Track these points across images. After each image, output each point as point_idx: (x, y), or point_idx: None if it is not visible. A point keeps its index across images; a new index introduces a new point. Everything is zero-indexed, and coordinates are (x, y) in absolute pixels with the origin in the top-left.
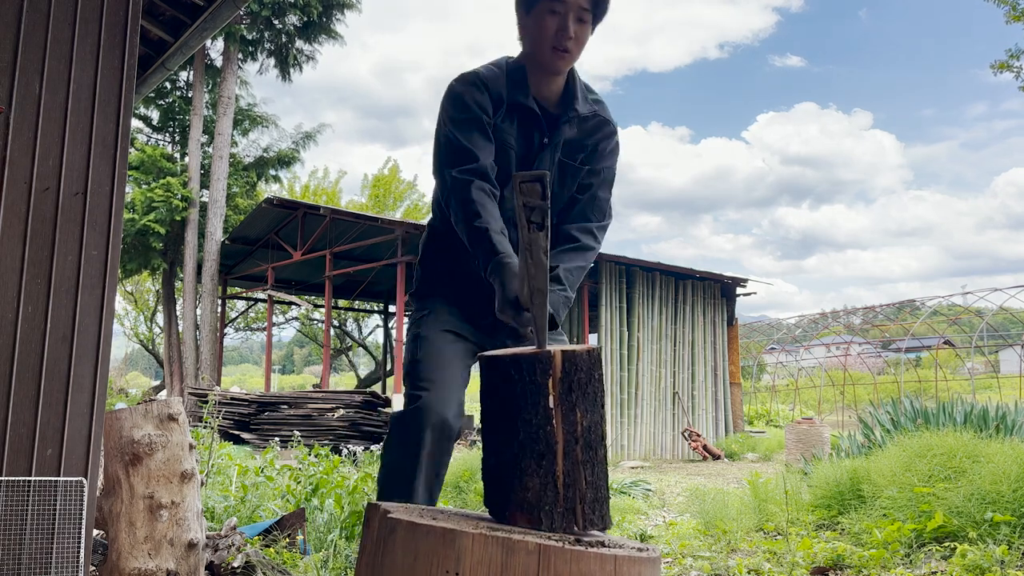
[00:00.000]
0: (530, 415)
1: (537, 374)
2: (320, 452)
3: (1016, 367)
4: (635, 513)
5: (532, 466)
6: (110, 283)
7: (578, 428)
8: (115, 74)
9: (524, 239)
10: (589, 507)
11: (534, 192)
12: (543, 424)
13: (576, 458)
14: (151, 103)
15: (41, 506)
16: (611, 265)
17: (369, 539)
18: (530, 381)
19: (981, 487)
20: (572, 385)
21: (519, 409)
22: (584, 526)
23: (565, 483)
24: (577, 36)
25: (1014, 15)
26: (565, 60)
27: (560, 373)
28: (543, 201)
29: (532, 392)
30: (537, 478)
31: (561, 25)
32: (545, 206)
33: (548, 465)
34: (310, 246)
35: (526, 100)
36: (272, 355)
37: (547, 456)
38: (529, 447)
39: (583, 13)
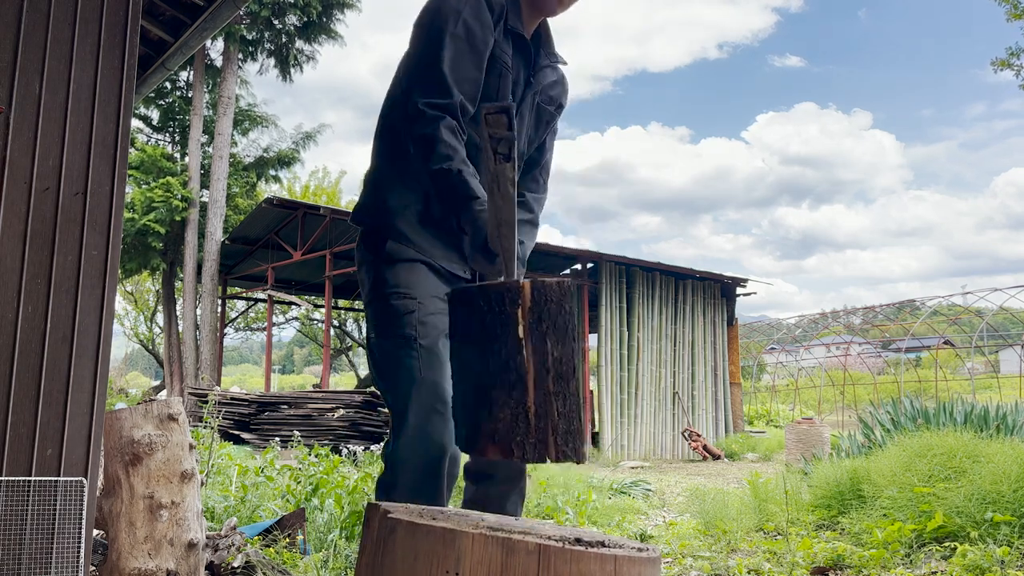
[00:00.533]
0: (500, 346)
1: (506, 303)
2: (320, 452)
3: (1016, 367)
4: (635, 513)
5: (503, 397)
6: (110, 283)
7: (548, 359)
8: (115, 74)
9: (491, 170)
10: (562, 438)
11: (500, 123)
12: (513, 354)
13: (547, 389)
14: (151, 103)
15: (41, 506)
16: (611, 265)
17: (369, 539)
18: (499, 311)
19: (981, 487)
20: (542, 315)
21: (489, 340)
22: (557, 457)
23: (537, 414)
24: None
25: (1015, 13)
26: (563, 5)
27: (530, 303)
28: (509, 132)
29: (502, 322)
30: (508, 409)
31: None
32: (512, 136)
33: (519, 396)
34: (310, 246)
35: (521, 29)
36: (272, 355)
37: (518, 387)
38: (500, 378)
39: None
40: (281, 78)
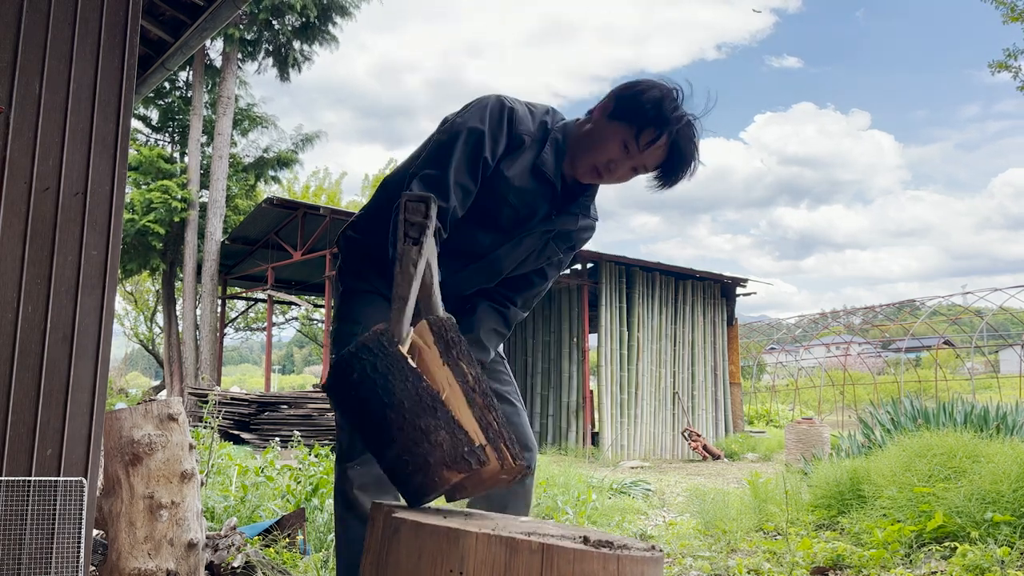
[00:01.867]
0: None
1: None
2: (320, 452)
3: (1016, 367)
4: (635, 513)
5: (432, 422)
6: (110, 283)
7: (469, 379)
8: (115, 74)
9: (399, 250)
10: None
11: (418, 211)
12: (417, 383)
13: (479, 404)
14: (151, 103)
15: (41, 506)
16: (611, 265)
17: (373, 538)
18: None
19: (981, 487)
20: (449, 343)
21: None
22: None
23: (481, 426)
24: (620, 178)
25: (1012, 16)
26: (592, 182)
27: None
28: (424, 220)
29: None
30: (442, 430)
31: (618, 160)
32: (426, 223)
33: (443, 413)
34: (310, 246)
35: (554, 177)
36: (272, 355)
37: (438, 407)
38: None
39: (642, 169)
40: (280, 78)
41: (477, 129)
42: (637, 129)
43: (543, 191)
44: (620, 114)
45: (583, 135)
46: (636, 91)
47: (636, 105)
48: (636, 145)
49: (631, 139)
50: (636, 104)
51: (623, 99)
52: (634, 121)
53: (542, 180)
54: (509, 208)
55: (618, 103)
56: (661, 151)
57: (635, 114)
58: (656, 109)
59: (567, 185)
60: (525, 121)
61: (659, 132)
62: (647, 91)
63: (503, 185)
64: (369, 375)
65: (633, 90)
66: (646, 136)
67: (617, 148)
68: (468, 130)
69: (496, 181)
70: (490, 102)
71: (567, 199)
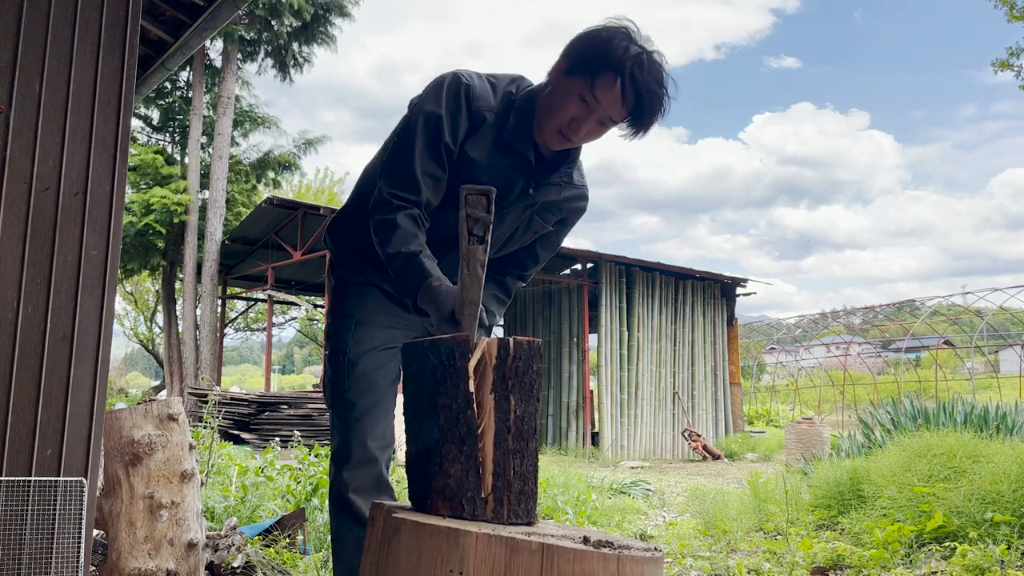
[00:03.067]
0: (450, 399)
1: (456, 358)
2: (320, 452)
3: (1016, 367)
4: (635, 513)
5: (453, 451)
6: (110, 283)
7: (511, 417)
8: (115, 74)
9: (463, 250)
10: (515, 498)
11: (479, 204)
12: (463, 408)
13: (507, 447)
14: (151, 103)
15: (41, 506)
16: (611, 265)
17: (374, 538)
18: (449, 365)
19: (981, 487)
20: (507, 372)
21: (439, 394)
22: (508, 517)
23: (495, 472)
24: (589, 135)
25: (1014, 15)
26: (562, 146)
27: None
28: (487, 215)
29: (451, 376)
30: (459, 464)
31: (580, 117)
32: (488, 219)
33: (469, 450)
34: (310, 246)
35: (524, 148)
36: (272, 355)
37: (468, 441)
38: (450, 432)
39: (609, 121)
40: (280, 78)
41: (434, 113)
42: (590, 79)
43: (516, 165)
44: (572, 68)
45: (544, 99)
46: (583, 40)
47: (585, 53)
48: (593, 96)
49: (587, 91)
50: (584, 52)
51: (572, 51)
52: (586, 71)
53: (511, 154)
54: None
55: (568, 57)
56: (621, 95)
57: (586, 63)
58: (604, 52)
59: (542, 155)
60: (485, 96)
61: (614, 75)
62: (594, 37)
63: (472, 166)
64: (426, 375)
65: (581, 39)
66: (601, 83)
67: (576, 104)
68: (425, 116)
69: (464, 163)
70: (446, 81)
71: (545, 169)
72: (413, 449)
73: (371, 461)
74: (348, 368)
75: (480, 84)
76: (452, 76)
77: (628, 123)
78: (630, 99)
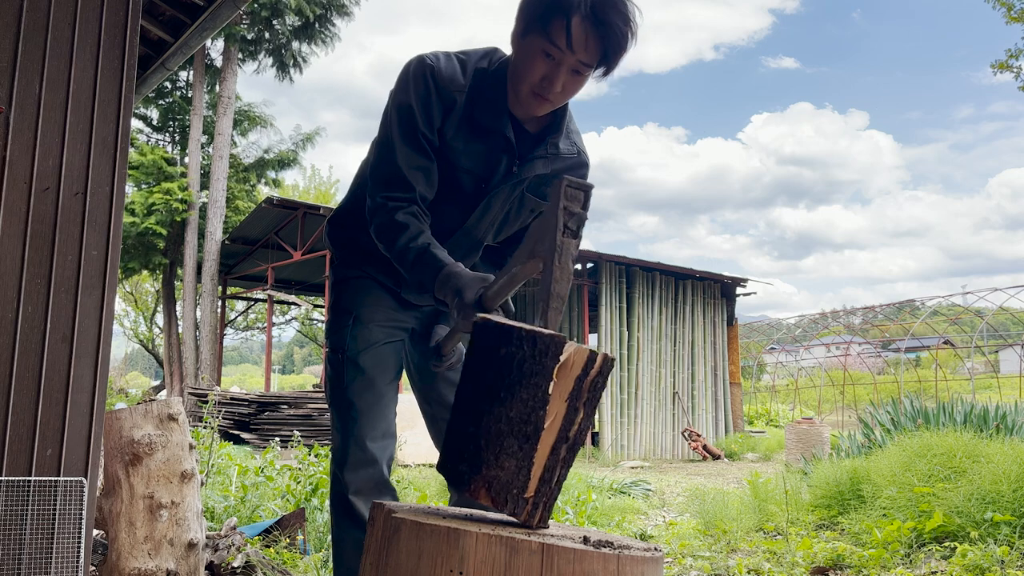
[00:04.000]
0: (529, 395)
1: (548, 356)
2: (320, 452)
3: (1016, 367)
4: (635, 513)
5: (514, 447)
6: (110, 283)
7: (573, 428)
8: (115, 74)
9: (556, 242)
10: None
11: (577, 199)
12: (538, 407)
13: (559, 456)
14: (151, 103)
15: (41, 506)
16: (611, 265)
17: (373, 538)
18: (539, 361)
19: (981, 487)
20: (587, 385)
21: (520, 386)
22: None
23: (543, 477)
24: (566, 88)
25: (1012, 16)
26: (543, 107)
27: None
28: (582, 211)
29: (538, 373)
30: (515, 460)
31: (549, 74)
32: (583, 216)
33: (529, 450)
34: (310, 246)
35: (499, 124)
36: (272, 355)
37: (531, 440)
38: (517, 427)
39: (581, 66)
40: (280, 78)
41: (404, 104)
42: (547, 31)
43: (495, 143)
44: (527, 26)
45: (511, 68)
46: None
47: (534, 7)
48: (556, 47)
49: (548, 44)
50: (534, 6)
51: (522, 9)
52: (541, 23)
53: (489, 132)
54: (466, 174)
55: (521, 17)
56: (583, 36)
57: (538, 17)
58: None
59: (524, 129)
60: (453, 76)
61: (567, 17)
62: None
63: (451, 153)
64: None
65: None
66: (557, 31)
67: (541, 61)
68: (397, 109)
69: (445, 151)
70: (411, 68)
71: (528, 144)
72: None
73: (371, 462)
74: (346, 365)
75: (447, 64)
76: (416, 61)
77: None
78: (593, 35)
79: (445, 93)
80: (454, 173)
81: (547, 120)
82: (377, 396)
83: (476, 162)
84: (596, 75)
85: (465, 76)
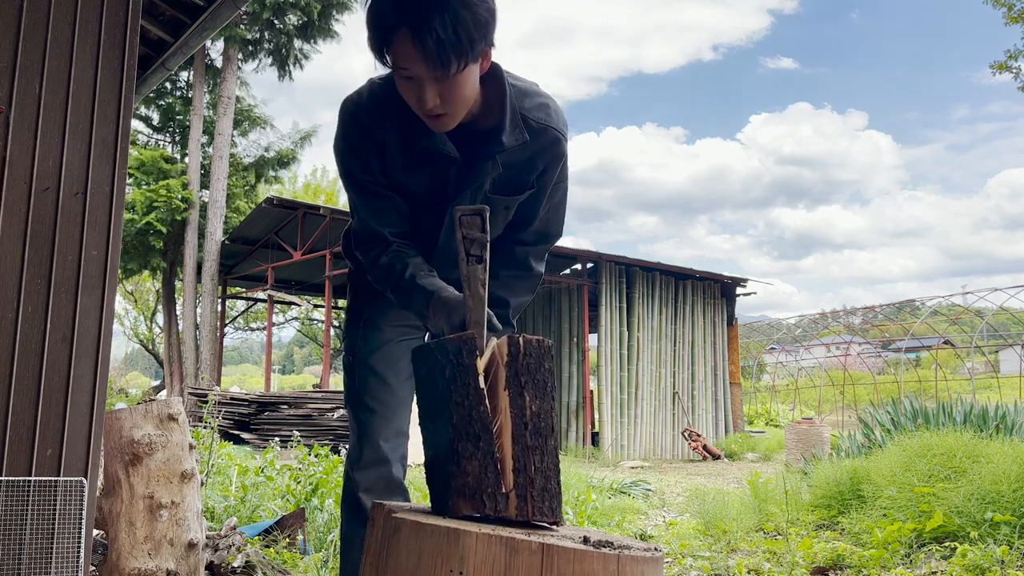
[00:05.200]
0: (461, 397)
1: (464, 355)
2: (320, 452)
3: (1016, 367)
4: (635, 513)
5: (469, 449)
6: (110, 283)
7: (527, 413)
8: (115, 74)
9: (463, 272)
10: (539, 495)
11: (474, 225)
12: (475, 405)
13: (525, 443)
14: (151, 103)
15: (41, 506)
16: (611, 265)
17: (373, 538)
18: (457, 363)
19: (981, 487)
20: (520, 369)
21: (450, 393)
22: (533, 513)
23: (515, 468)
24: (445, 97)
25: (1012, 17)
26: (443, 123)
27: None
28: (483, 234)
29: (461, 374)
30: (476, 460)
31: (418, 94)
32: (484, 239)
33: (485, 446)
34: (310, 246)
35: (435, 142)
36: (272, 355)
37: (483, 437)
38: (464, 429)
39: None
40: (279, 77)
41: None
42: (385, 60)
43: (435, 158)
44: (376, 59)
45: None
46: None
47: (368, 40)
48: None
49: (394, 69)
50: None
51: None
52: (378, 55)
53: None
54: (426, 195)
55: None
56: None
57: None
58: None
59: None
60: (375, 109)
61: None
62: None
63: (404, 182)
64: (436, 377)
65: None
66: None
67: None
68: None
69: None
70: (341, 114)
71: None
72: (431, 453)
73: (382, 462)
74: (359, 367)
75: (370, 97)
76: (342, 106)
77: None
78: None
79: (374, 133)
80: (415, 198)
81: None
82: (390, 395)
83: (429, 183)
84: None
85: (392, 102)
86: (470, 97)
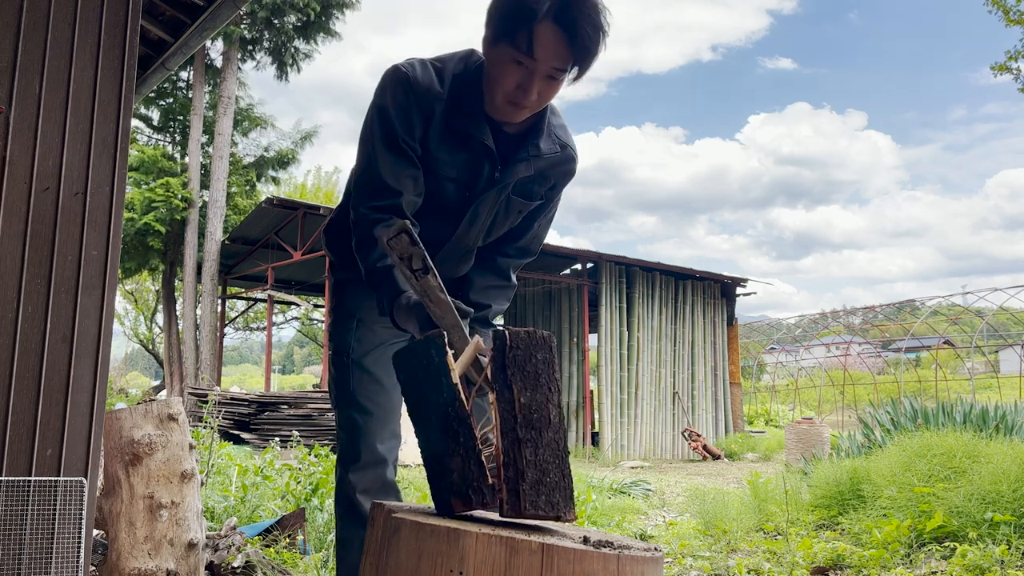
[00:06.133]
0: (437, 393)
1: (434, 352)
2: (320, 452)
3: (1016, 367)
4: (635, 513)
5: (451, 445)
6: (110, 283)
7: (516, 405)
8: (115, 74)
9: (417, 289)
10: (531, 488)
11: (402, 244)
12: (451, 399)
13: (516, 436)
14: (151, 103)
15: (41, 506)
16: (611, 265)
17: (373, 538)
18: (428, 363)
19: (981, 487)
20: (506, 362)
21: (427, 393)
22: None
23: (505, 462)
24: (542, 94)
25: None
26: (520, 114)
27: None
28: (415, 247)
29: (432, 372)
30: (458, 456)
31: (523, 82)
32: (419, 251)
33: (465, 441)
34: (310, 246)
35: (479, 132)
36: (272, 355)
37: (462, 432)
38: (443, 427)
39: (555, 72)
40: (278, 77)
41: (385, 113)
42: (514, 40)
43: (477, 150)
44: (496, 34)
45: (485, 75)
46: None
47: (501, 16)
48: (526, 54)
49: (518, 53)
50: (501, 15)
51: (491, 17)
52: (508, 33)
53: (468, 139)
54: (450, 183)
55: (490, 24)
56: (554, 42)
57: (507, 25)
58: (519, 6)
59: (504, 132)
60: (430, 84)
61: (533, 26)
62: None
63: (435, 163)
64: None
65: (495, 2)
66: (524, 40)
67: (513, 70)
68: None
69: (428, 161)
70: (388, 79)
71: (511, 146)
72: (423, 455)
73: (379, 463)
74: (352, 368)
75: (423, 72)
76: (392, 71)
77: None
78: (561, 40)
79: (424, 102)
80: (439, 183)
81: (529, 120)
82: (385, 396)
83: (460, 171)
84: (570, 77)
85: (442, 84)
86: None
